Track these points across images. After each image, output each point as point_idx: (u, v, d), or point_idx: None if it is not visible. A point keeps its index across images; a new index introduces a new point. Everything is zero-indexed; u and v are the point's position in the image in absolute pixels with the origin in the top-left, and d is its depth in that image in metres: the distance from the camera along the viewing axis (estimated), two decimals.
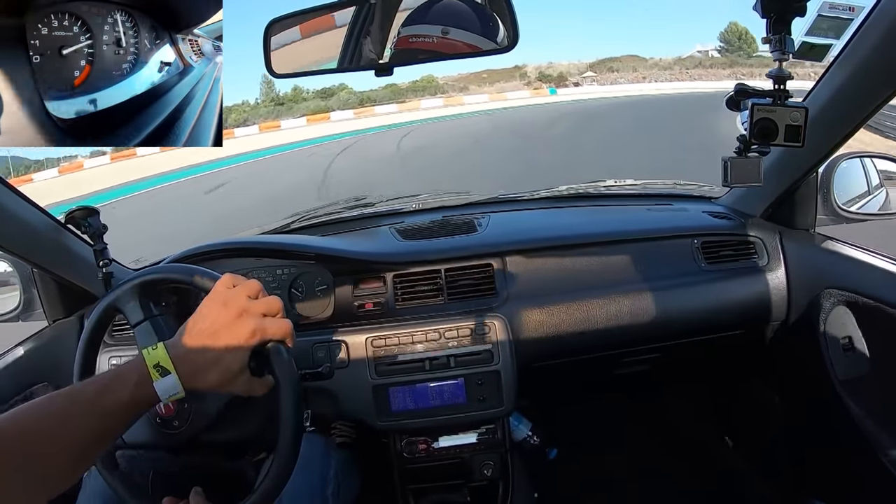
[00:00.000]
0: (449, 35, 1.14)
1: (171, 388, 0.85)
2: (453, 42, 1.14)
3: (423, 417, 1.52)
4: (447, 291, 1.60)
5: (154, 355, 0.86)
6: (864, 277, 1.41)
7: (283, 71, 1.28)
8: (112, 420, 0.84)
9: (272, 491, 0.96)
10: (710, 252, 1.66)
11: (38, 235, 1.41)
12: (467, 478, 1.63)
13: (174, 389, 0.86)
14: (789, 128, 1.15)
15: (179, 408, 1.05)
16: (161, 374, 0.85)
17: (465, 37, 1.14)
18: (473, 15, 1.15)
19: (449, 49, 1.14)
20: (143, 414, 0.89)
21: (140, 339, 1.05)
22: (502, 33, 1.13)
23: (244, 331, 0.89)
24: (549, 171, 10.75)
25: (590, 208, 1.94)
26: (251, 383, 0.93)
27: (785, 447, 1.85)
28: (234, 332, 0.89)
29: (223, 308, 0.90)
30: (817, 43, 1.13)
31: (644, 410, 2.34)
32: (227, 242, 1.61)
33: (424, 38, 1.16)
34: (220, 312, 0.90)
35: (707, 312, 1.62)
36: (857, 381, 1.47)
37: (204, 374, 0.88)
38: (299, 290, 1.64)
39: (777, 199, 1.64)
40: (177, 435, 1.06)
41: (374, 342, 1.51)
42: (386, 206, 2.06)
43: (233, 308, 0.90)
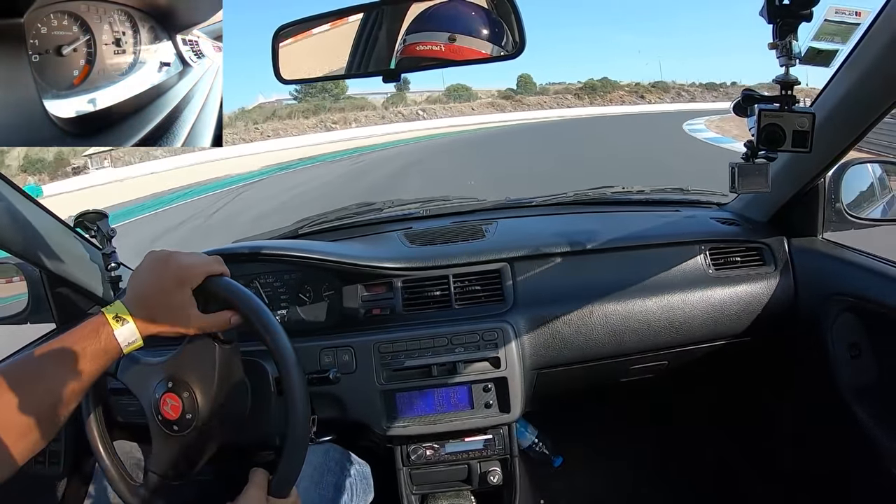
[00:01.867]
0: (456, 42, 1.15)
1: (129, 336, 0.93)
2: (460, 48, 1.15)
3: (430, 423, 1.52)
4: (455, 297, 1.60)
5: (112, 308, 0.95)
6: (872, 284, 1.40)
7: (291, 77, 1.29)
8: (88, 364, 0.90)
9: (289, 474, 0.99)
10: (718, 258, 1.66)
11: (48, 239, 1.42)
12: (473, 484, 1.63)
13: (132, 336, 0.93)
14: (797, 133, 1.14)
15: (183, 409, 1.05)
16: (121, 323, 0.93)
17: (472, 43, 1.15)
18: (480, 20, 1.15)
19: (456, 55, 1.14)
20: (109, 363, 0.95)
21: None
22: (507, 39, 1.13)
23: (179, 273, 0.97)
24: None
25: (598, 214, 1.94)
26: (203, 320, 0.99)
27: (793, 454, 1.84)
28: (171, 276, 0.97)
29: (157, 261, 0.99)
30: (824, 48, 1.12)
31: (651, 418, 2.33)
32: (235, 248, 1.62)
33: (432, 46, 1.17)
34: (155, 263, 0.99)
35: (714, 319, 1.62)
36: (865, 388, 1.46)
37: (155, 318, 0.96)
38: (307, 296, 1.64)
39: (785, 205, 1.64)
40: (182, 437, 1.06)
41: (382, 348, 1.51)
42: (394, 211, 2.06)
43: (163, 255, 1.00)
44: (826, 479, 1.71)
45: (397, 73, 1.19)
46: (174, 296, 0.97)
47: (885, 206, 1.60)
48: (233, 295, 1.01)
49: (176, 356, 1.05)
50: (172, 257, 0.99)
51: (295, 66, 1.28)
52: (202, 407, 1.03)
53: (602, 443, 2.29)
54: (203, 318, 0.99)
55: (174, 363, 1.05)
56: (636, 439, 2.29)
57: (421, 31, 1.18)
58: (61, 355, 0.89)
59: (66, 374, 0.88)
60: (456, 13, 1.19)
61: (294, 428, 1.00)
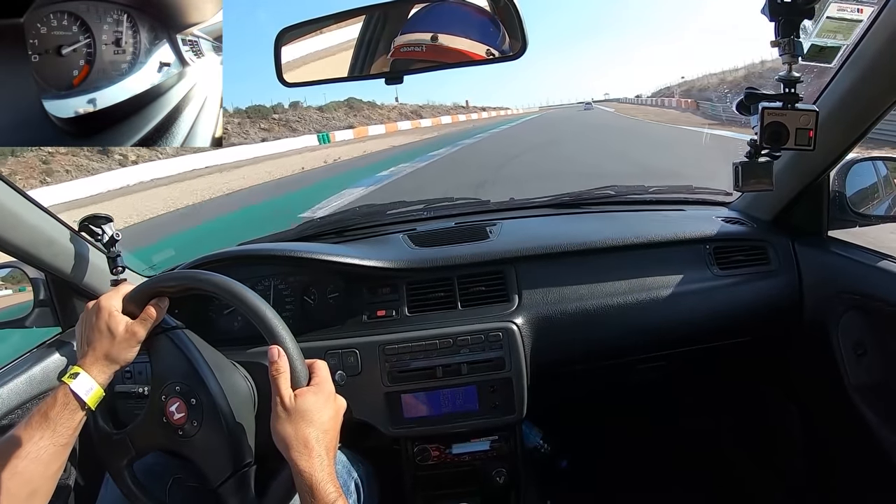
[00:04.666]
0: (438, 41, 1.15)
1: (86, 384, 1.01)
2: (443, 48, 1.15)
3: (435, 424, 1.53)
4: (460, 298, 1.60)
5: (68, 370, 1.05)
6: (878, 281, 1.39)
7: (294, 80, 1.29)
8: (61, 426, 0.98)
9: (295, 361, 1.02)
10: (723, 257, 1.65)
11: (53, 243, 1.43)
12: (479, 485, 1.63)
13: (89, 384, 1.01)
14: (800, 131, 1.14)
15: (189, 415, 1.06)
16: (74, 377, 1.01)
17: (456, 42, 1.15)
18: (468, 20, 1.15)
19: (441, 56, 1.15)
20: (79, 416, 1.01)
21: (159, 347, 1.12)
22: (503, 40, 1.13)
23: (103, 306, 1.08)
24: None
25: (602, 214, 1.93)
26: (138, 324, 1.08)
27: (800, 454, 1.84)
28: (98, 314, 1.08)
29: (84, 311, 1.11)
30: (826, 45, 1.12)
31: (656, 419, 2.32)
32: (240, 250, 1.63)
33: (414, 48, 1.18)
34: (84, 314, 1.11)
35: (720, 318, 1.61)
36: (871, 387, 1.45)
37: (104, 355, 1.05)
38: (312, 298, 1.64)
39: (789, 203, 1.63)
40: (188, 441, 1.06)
41: (387, 349, 1.51)
42: (398, 212, 2.06)
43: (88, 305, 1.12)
44: (832, 478, 1.70)
45: (400, 75, 1.19)
46: (107, 327, 1.06)
47: (889, 202, 1.59)
48: (149, 287, 1.10)
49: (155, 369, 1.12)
50: (94, 303, 1.10)
51: (297, 69, 1.28)
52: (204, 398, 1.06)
53: (607, 444, 2.29)
54: (137, 322, 1.08)
55: (158, 374, 1.11)
56: (642, 440, 2.28)
57: (405, 32, 1.19)
58: (36, 426, 0.97)
59: (45, 440, 0.96)
60: (441, 14, 1.20)
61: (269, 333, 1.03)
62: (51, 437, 0.96)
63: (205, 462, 1.06)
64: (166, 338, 1.11)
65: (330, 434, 0.98)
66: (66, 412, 0.98)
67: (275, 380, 0.98)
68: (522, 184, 11.39)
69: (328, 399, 1.00)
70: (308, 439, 0.94)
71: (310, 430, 0.95)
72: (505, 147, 24.30)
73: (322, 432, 0.96)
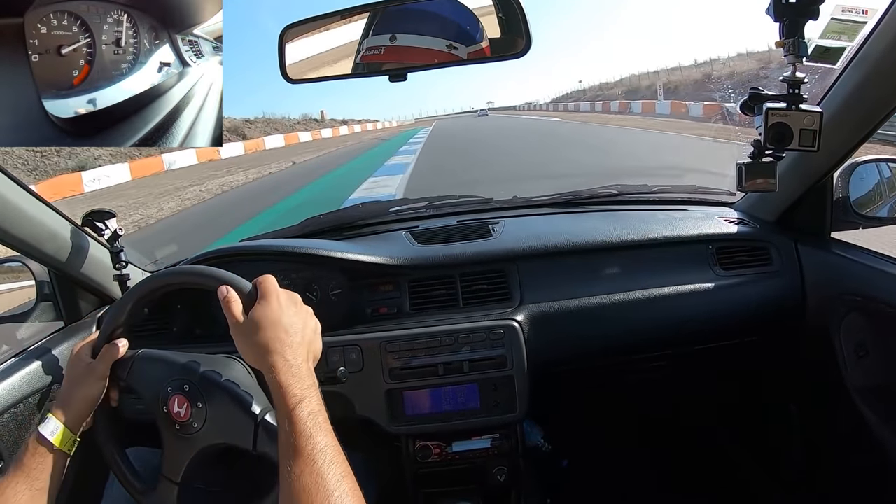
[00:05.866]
0: (396, 42, 1.16)
1: (52, 426, 1.03)
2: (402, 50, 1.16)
3: (436, 422, 1.53)
4: (462, 296, 1.60)
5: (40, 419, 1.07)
6: (880, 284, 1.39)
7: (298, 77, 1.29)
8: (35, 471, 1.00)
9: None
10: (725, 258, 1.65)
11: (56, 237, 1.43)
12: (480, 483, 1.63)
13: (55, 426, 1.03)
14: (804, 132, 1.14)
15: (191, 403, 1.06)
16: (45, 421, 1.03)
17: (415, 41, 1.15)
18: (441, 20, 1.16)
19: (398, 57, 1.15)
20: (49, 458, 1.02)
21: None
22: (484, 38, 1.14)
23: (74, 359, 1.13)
24: None
25: (605, 213, 1.93)
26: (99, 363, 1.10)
27: (801, 454, 1.84)
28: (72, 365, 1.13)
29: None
30: (831, 46, 1.12)
31: (658, 418, 2.32)
32: (243, 247, 1.63)
33: (374, 51, 1.19)
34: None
35: (722, 318, 1.61)
36: (873, 389, 1.45)
37: (71, 398, 1.07)
38: (314, 294, 1.64)
39: (792, 204, 1.63)
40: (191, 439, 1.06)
41: (389, 346, 1.51)
42: (400, 209, 2.06)
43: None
44: (834, 479, 1.70)
45: (404, 73, 1.19)
46: (71, 369, 1.12)
47: (893, 204, 1.59)
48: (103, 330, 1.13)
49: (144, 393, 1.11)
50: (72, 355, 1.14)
51: (301, 66, 1.28)
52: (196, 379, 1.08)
53: (609, 443, 2.29)
54: (96, 360, 1.10)
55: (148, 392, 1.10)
56: (643, 439, 2.28)
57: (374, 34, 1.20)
58: (13, 472, 0.99)
59: (21, 485, 0.98)
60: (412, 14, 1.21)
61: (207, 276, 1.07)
62: (25, 482, 0.99)
63: (230, 435, 1.06)
64: (139, 362, 1.12)
65: (291, 335, 1.00)
66: (38, 456, 1.01)
67: (226, 309, 1.01)
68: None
69: (281, 305, 1.03)
70: (266, 343, 0.96)
71: (266, 335, 0.97)
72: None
73: (280, 334, 0.98)
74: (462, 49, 1.17)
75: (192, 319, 1.64)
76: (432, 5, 1.20)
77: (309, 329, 1.06)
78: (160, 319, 1.61)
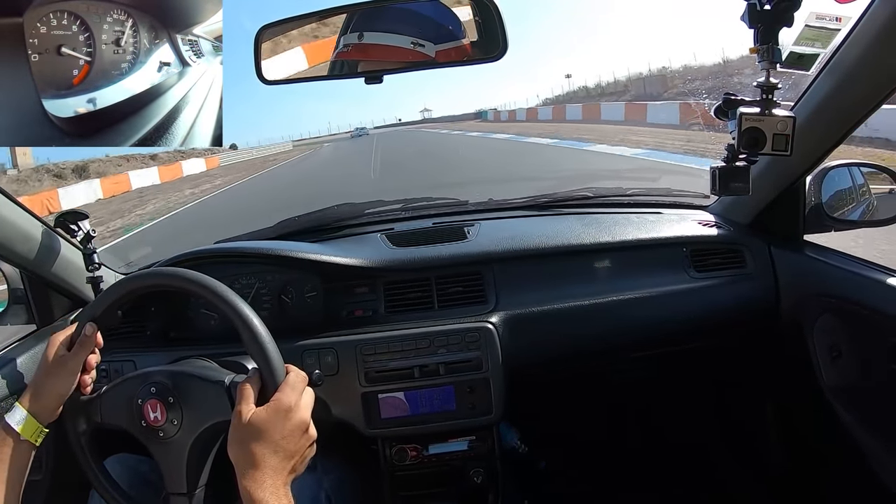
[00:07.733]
0: (363, 40, 1.16)
1: (18, 415, 1.03)
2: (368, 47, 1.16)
3: (412, 424, 1.52)
4: (437, 299, 1.60)
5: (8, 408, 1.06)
6: (851, 285, 1.41)
7: (274, 77, 1.28)
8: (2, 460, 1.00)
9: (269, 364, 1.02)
10: (700, 260, 1.66)
11: (29, 239, 1.41)
12: (457, 485, 1.63)
13: (20, 414, 1.03)
14: (777, 137, 1.15)
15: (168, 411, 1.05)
16: (11, 410, 1.04)
17: (382, 38, 1.15)
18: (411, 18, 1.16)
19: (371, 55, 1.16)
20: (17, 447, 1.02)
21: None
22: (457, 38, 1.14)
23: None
24: None
25: (580, 216, 1.93)
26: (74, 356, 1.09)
27: (778, 453, 1.86)
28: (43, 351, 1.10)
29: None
30: (805, 52, 1.13)
31: (635, 420, 2.34)
32: (217, 248, 1.61)
33: (345, 49, 1.18)
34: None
35: (697, 320, 1.63)
36: (846, 388, 1.47)
37: (42, 390, 1.06)
38: (289, 297, 1.63)
39: (766, 208, 1.64)
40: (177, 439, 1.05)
41: (364, 349, 1.50)
42: (375, 211, 2.06)
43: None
44: (810, 478, 1.73)
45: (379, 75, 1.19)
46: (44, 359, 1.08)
47: (864, 208, 1.61)
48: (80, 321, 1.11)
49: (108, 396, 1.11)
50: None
51: (277, 67, 1.27)
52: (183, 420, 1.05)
53: (586, 445, 2.30)
54: (69, 355, 1.08)
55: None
56: (620, 441, 2.30)
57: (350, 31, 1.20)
58: None
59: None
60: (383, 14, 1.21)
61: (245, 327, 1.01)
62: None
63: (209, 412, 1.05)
64: (106, 397, 1.11)
65: (284, 451, 0.94)
66: (5, 446, 1.00)
67: (239, 396, 0.97)
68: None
69: (286, 414, 0.96)
70: (255, 457, 0.91)
71: (259, 448, 0.92)
72: None
73: (273, 449, 0.92)
74: (429, 47, 1.17)
75: (166, 322, 1.62)
76: (408, 6, 1.20)
77: (303, 457, 1.00)
78: (134, 322, 1.59)
